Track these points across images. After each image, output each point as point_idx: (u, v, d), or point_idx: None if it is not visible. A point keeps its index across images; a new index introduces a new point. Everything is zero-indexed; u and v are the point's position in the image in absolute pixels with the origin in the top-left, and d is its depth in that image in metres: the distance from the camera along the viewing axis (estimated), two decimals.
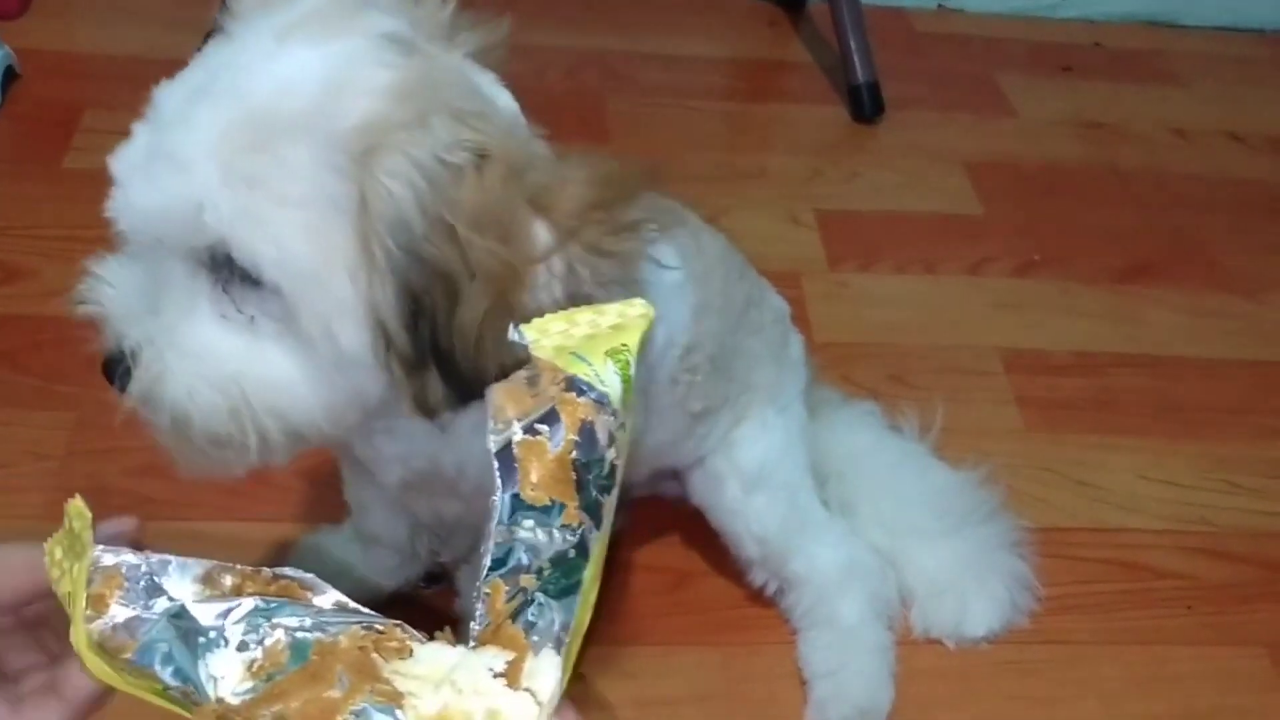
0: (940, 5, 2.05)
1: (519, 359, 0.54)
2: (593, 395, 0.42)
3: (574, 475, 0.41)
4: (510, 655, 0.40)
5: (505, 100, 0.66)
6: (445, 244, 0.58)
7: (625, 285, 0.61)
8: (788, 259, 1.44)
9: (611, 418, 0.42)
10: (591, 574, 0.42)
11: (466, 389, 0.61)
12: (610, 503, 0.43)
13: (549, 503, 0.41)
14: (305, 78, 0.60)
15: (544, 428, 0.42)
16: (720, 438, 0.97)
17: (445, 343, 0.60)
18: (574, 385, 0.43)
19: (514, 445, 0.42)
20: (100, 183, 0.63)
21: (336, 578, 1.01)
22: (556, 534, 0.41)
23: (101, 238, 1.11)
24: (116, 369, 0.65)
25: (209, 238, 0.60)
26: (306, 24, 0.61)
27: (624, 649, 1.01)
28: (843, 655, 1.00)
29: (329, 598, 0.45)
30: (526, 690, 0.40)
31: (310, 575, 0.45)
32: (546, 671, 0.40)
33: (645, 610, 1.05)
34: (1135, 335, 1.43)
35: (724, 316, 0.92)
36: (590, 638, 0.45)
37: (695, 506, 1.03)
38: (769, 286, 1.03)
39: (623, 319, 0.46)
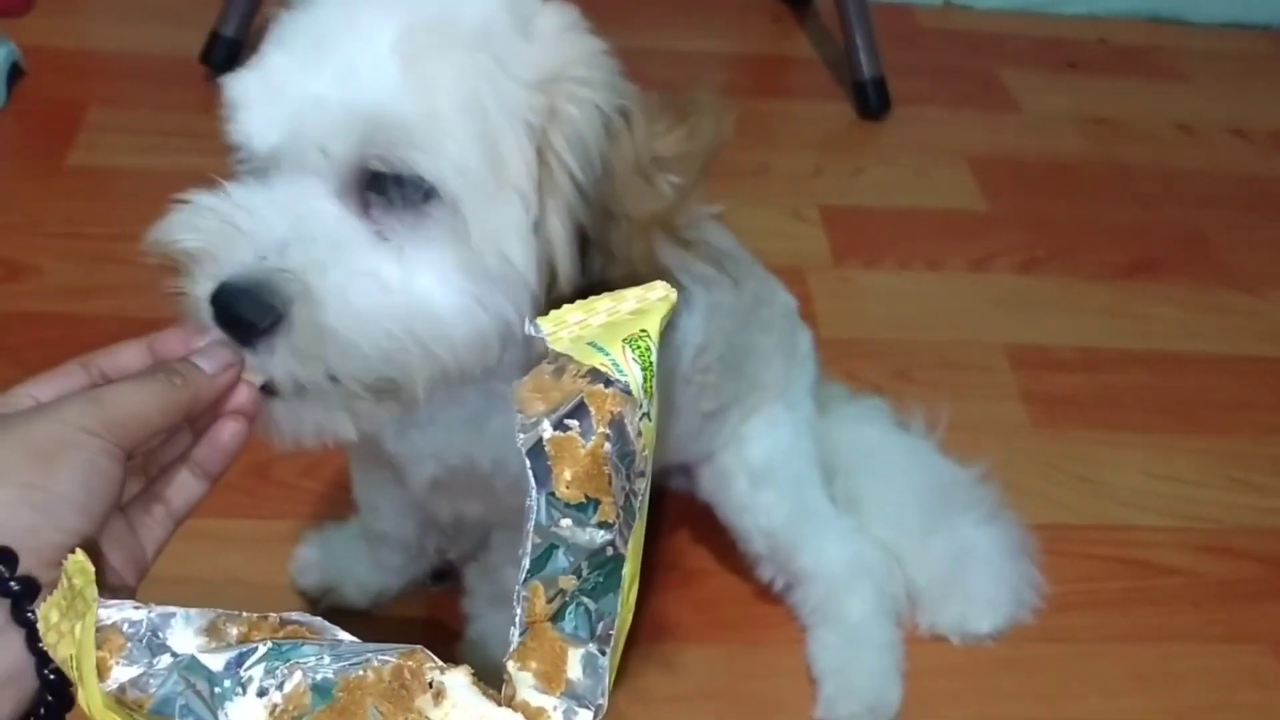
0: (946, 1, 2.05)
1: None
2: (618, 386, 0.41)
3: (607, 470, 0.40)
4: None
5: None
6: (614, 183, 0.61)
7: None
8: (792, 255, 1.44)
9: (635, 407, 0.41)
10: (630, 571, 0.41)
11: None
12: (643, 496, 0.42)
13: (584, 500, 0.40)
14: None
15: (573, 422, 0.40)
16: (730, 434, 0.97)
17: (613, 273, 0.61)
18: (597, 377, 0.41)
19: (545, 442, 0.40)
20: (104, 180, 0.62)
21: (343, 574, 1.02)
22: (593, 532, 0.40)
23: (107, 235, 1.11)
24: (252, 303, 0.56)
25: (381, 146, 0.57)
26: None
27: (630, 646, 1.01)
28: (851, 652, 1.00)
29: (340, 637, 0.43)
30: None
31: (318, 619, 0.43)
32: (589, 675, 0.39)
33: (652, 607, 1.05)
34: (1139, 331, 1.43)
35: (734, 315, 0.92)
36: None
37: (704, 502, 1.03)
38: (777, 283, 1.03)
39: (642, 303, 0.44)
